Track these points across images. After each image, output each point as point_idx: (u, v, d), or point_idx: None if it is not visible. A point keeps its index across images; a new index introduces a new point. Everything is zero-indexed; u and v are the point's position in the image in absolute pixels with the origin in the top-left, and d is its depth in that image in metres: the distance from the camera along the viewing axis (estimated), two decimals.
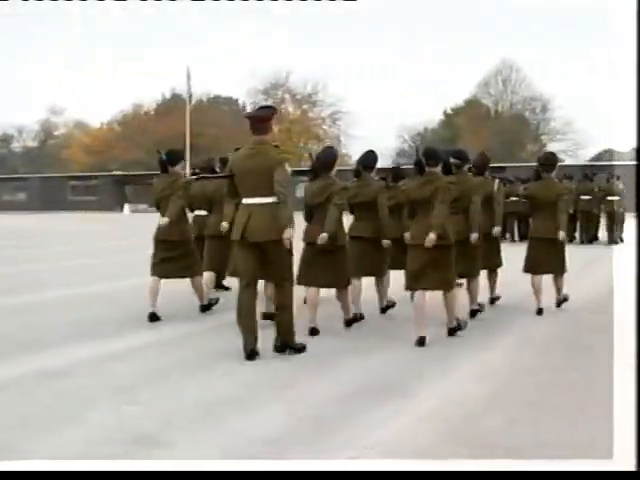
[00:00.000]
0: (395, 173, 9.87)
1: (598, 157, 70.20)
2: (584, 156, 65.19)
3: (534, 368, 6.54)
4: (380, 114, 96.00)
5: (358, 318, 8.64)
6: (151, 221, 9.83)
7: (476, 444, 4.50)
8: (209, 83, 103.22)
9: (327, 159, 8.08)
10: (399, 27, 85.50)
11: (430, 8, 72.79)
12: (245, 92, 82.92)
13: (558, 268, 9.62)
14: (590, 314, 9.49)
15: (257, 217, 6.76)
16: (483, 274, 9.58)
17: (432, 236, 7.41)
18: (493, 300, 10.19)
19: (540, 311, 9.33)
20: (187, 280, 9.08)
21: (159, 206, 8.79)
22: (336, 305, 8.38)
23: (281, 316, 7.06)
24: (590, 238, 21.53)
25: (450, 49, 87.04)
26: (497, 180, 9.80)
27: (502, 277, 10.22)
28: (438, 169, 7.73)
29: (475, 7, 71.51)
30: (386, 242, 8.78)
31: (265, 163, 6.73)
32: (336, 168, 8.12)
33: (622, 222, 21.52)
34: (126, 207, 58.07)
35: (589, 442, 4.46)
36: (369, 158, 8.89)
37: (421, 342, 7.42)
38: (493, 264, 9.86)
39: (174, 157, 8.89)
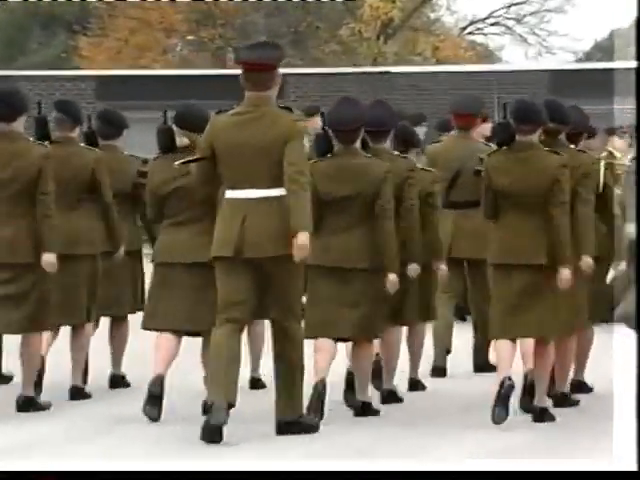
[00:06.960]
0: (404, 135, 5.63)
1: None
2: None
3: None
4: None
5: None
6: None
7: None
8: None
9: (352, 119, 4.98)
10: None
11: None
12: None
13: None
14: None
15: (257, 221, 4.48)
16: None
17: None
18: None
19: None
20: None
21: None
22: None
23: (285, 379, 4.63)
24: None
25: None
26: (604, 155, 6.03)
27: None
28: (535, 137, 4.95)
29: None
30: (415, 269, 5.27)
31: (270, 135, 4.49)
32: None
33: None
34: None
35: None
36: (379, 116, 5.23)
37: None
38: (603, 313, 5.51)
39: (18, 105, 5.20)
